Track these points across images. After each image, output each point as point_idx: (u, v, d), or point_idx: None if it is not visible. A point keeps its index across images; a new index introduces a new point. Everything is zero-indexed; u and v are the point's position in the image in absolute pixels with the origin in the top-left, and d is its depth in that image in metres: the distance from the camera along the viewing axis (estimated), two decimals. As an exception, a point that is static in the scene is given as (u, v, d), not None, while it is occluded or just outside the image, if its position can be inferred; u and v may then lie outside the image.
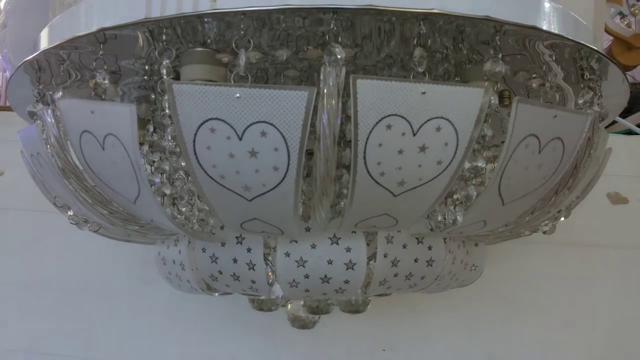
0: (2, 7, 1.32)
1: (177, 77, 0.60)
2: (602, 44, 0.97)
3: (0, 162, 1.09)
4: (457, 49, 0.62)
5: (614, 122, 1.07)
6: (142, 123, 0.72)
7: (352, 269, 0.64)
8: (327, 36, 0.51)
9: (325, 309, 0.79)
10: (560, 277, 1.04)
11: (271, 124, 0.50)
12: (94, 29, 0.55)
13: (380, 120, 0.50)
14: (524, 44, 0.61)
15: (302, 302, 0.80)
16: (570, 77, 0.68)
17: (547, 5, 0.56)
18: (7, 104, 1.31)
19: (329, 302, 0.78)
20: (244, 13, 0.51)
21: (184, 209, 0.62)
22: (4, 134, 1.07)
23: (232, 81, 0.55)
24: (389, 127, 0.50)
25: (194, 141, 0.51)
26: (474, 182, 0.60)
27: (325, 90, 0.51)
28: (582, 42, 0.57)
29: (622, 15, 1.24)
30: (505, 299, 1.03)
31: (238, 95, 0.49)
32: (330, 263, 0.63)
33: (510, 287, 1.03)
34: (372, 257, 0.66)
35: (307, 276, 0.63)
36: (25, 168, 0.72)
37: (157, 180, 0.65)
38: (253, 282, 0.65)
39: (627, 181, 1.05)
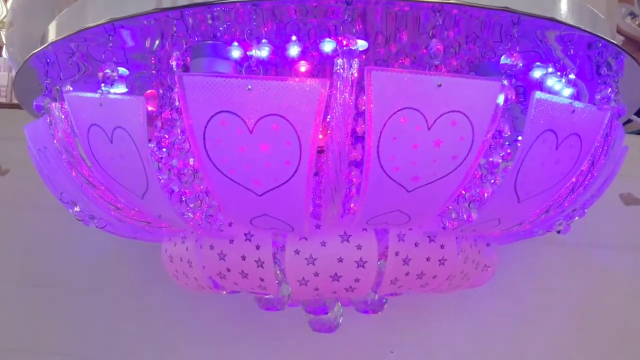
0: (9, 7, 1.32)
1: (186, 71, 0.59)
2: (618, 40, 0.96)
3: (6, 160, 1.08)
4: (470, 44, 0.61)
5: (629, 120, 1.05)
6: (150, 119, 0.71)
7: (363, 267, 0.62)
8: (342, 27, 0.50)
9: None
10: (572, 279, 1.02)
11: (283, 117, 0.49)
12: (103, 20, 0.54)
13: (394, 114, 0.49)
14: (537, 41, 0.60)
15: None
16: (584, 74, 0.67)
17: (564, -3, 0.55)
18: (13, 101, 1.31)
19: (327, 302, 0.77)
20: (255, 4, 0.50)
21: (192, 205, 0.61)
22: (9, 131, 1.06)
23: (243, 74, 0.54)
24: (403, 120, 0.49)
25: (203, 134, 0.50)
26: (488, 178, 0.59)
27: (338, 84, 0.50)
28: (599, 34, 0.56)
29: (634, 16, 1.23)
30: (516, 300, 1.02)
31: (250, 87, 0.48)
32: (341, 261, 0.62)
33: (521, 289, 1.01)
34: (383, 255, 0.65)
35: (316, 274, 0.62)
36: (31, 166, 0.71)
37: (165, 176, 0.64)
38: (262, 279, 0.64)
39: (640, 182, 1.04)
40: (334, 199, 0.56)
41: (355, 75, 0.51)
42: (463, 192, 0.62)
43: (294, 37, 0.54)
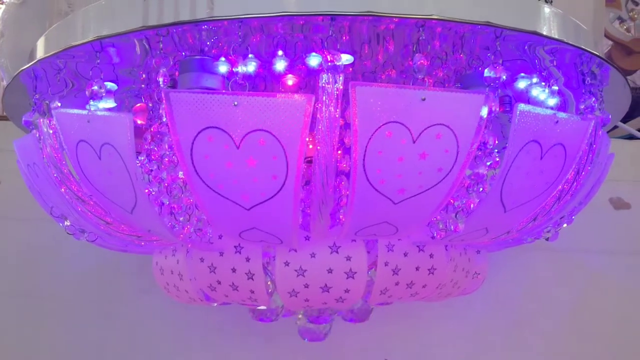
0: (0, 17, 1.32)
1: (174, 85, 0.59)
2: (603, 49, 0.97)
3: (-3, 171, 1.08)
4: (456, 54, 0.62)
5: (615, 127, 1.06)
6: (140, 131, 0.71)
7: (353, 277, 0.63)
8: (326, 42, 0.51)
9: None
10: (563, 284, 1.03)
11: (269, 132, 0.49)
12: (90, 37, 0.54)
13: (379, 128, 0.50)
14: (523, 50, 0.60)
15: (299, 315, 0.78)
16: (571, 82, 0.67)
17: (547, 10, 0.55)
18: (4, 113, 1.30)
19: (330, 311, 0.77)
20: (241, 20, 0.51)
21: (181, 218, 0.62)
22: (0, 143, 1.06)
23: (229, 89, 0.55)
24: (388, 134, 0.50)
25: (191, 150, 0.50)
26: (475, 189, 0.59)
27: (324, 98, 0.51)
28: (582, 47, 0.57)
29: (622, 20, 1.24)
30: (507, 307, 1.02)
31: (236, 103, 0.49)
32: (330, 272, 0.62)
33: (512, 295, 1.02)
34: (372, 265, 0.65)
35: (306, 285, 0.63)
36: (21, 178, 0.71)
37: (155, 189, 0.64)
38: (252, 292, 0.64)
39: (629, 186, 1.05)
40: (322, 211, 0.57)
41: (341, 88, 0.51)
42: (451, 201, 0.62)
43: (280, 52, 0.55)
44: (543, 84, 0.62)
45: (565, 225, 0.71)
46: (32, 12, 1.15)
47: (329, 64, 0.50)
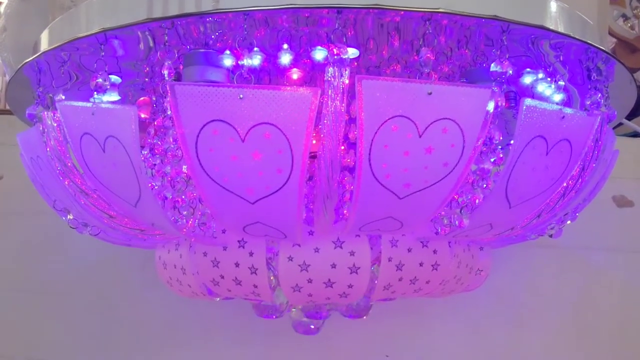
0: (2, 11, 1.32)
1: (178, 79, 0.59)
2: (608, 46, 0.96)
3: (0, 166, 1.08)
4: (461, 50, 0.62)
5: (620, 124, 1.06)
6: (143, 125, 0.71)
7: (356, 273, 0.63)
8: (332, 36, 0.51)
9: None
10: (566, 281, 1.02)
11: (275, 126, 0.49)
12: (95, 29, 0.54)
13: (385, 122, 0.49)
14: (528, 46, 0.60)
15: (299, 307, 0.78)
16: (576, 79, 0.67)
17: (553, 5, 0.55)
18: (7, 107, 1.30)
19: (327, 307, 0.77)
20: (246, 13, 0.51)
21: (185, 212, 0.61)
22: (3, 137, 1.06)
23: (235, 82, 0.54)
24: (394, 128, 0.50)
25: (196, 143, 0.50)
26: (480, 184, 0.59)
27: (329, 92, 0.51)
28: (589, 42, 0.57)
29: (626, 18, 1.23)
30: (510, 303, 1.02)
31: (241, 96, 0.48)
32: (334, 267, 0.62)
33: (515, 291, 1.02)
34: (376, 260, 0.65)
35: (310, 280, 0.63)
36: (24, 171, 0.71)
37: (158, 183, 0.64)
38: (255, 286, 0.64)
39: (633, 184, 1.04)
40: (326, 206, 0.57)
41: (347, 82, 0.51)
42: (456, 197, 0.62)
43: (285, 46, 0.54)
44: (549, 79, 0.62)
45: (569, 222, 0.71)
46: (34, 6, 1.15)
47: (335, 57, 0.49)
